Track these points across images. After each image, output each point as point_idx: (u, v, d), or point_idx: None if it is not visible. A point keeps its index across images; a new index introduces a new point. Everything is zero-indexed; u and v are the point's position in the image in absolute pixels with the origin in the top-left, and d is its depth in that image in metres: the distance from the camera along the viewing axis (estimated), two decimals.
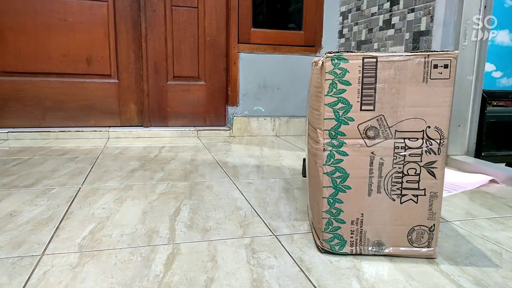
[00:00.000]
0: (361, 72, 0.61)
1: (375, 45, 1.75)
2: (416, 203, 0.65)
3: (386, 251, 0.67)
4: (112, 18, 1.90)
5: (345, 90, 0.62)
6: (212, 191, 1.04)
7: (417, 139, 0.63)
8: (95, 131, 1.86)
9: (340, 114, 0.63)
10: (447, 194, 1.06)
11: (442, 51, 0.60)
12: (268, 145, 1.76)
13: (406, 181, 0.64)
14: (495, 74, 2.15)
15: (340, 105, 0.63)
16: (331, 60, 0.62)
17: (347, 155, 0.64)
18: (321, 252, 0.68)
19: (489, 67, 2.09)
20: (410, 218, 0.65)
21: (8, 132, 1.75)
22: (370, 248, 0.67)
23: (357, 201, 0.66)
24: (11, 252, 0.66)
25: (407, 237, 0.66)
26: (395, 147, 0.63)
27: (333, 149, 0.64)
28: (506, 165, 1.73)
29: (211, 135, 2.01)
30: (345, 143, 0.64)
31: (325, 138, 0.64)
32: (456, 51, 0.61)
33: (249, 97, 2.07)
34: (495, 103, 2.05)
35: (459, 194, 1.07)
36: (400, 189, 0.65)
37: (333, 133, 0.64)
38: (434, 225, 0.65)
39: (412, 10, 1.50)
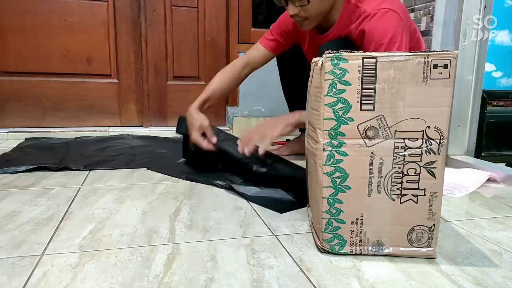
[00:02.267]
0: (360, 72, 0.61)
1: None
2: (416, 203, 0.65)
3: (386, 251, 0.67)
4: (112, 18, 1.90)
5: (345, 90, 0.62)
6: (212, 191, 1.04)
7: (417, 139, 0.63)
8: (95, 131, 1.86)
9: (340, 114, 0.63)
10: (452, 194, 1.06)
11: (442, 51, 0.60)
12: None
13: (406, 181, 0.64)
14: (495, 74, 2.15)
15: (340, 105, 0.63)
16: (331, 60, 0.62)
17: (347, 155, 0.64)
18: (321, 252, 0.68)
19: (489, 67, 2.10)
20: (410, 218, 0.65)
21: (8, 132, 1.75)
22: (370, 248, 0.67)
23: (357, 201, 0.66)
24: (11, 252, 0.66)
25: (407, 237, 0.66)
26: (394, 147, 0.63)
27: (332, 149, 0.64)
28: (506, 165, 1.72)
29: None
30: (345, 143, 0.64)
31: (325, 138, 0.64)
32: (456, 51, 0.61)
33: (249, 97, 2.07)
34: (495, 103, 2.05)
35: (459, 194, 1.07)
36: (400, 189, 0.65)
37: (333, 133, 0.64)
38: (434, 225, 0.65)
39: (412, 10, 1.50)
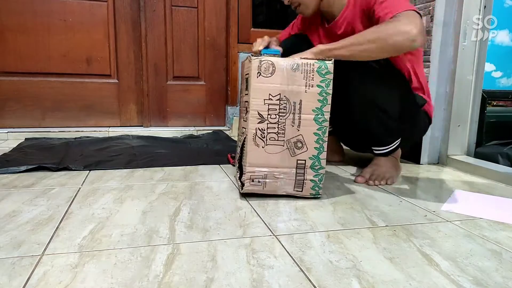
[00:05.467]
0: None
1: None
2: None
3: None
4: (112, 18, 1.90)
5: None
6: (212, 191, 1.04)
7: None
8: (95, 131, 1.86)
9: None
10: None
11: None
12: None
13: None
14: (495, 74, 2.15)
15: None
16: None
17: None
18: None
19: (489, 67, 2.09)
20: None
21: (8, 132, 1.75)
22: None
23: None
24: (11, 252, 0.66)
25: None
26: None
27: None
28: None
29: None
30: None
31: None
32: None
33: None
34: (495, 103, 2.05)
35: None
36: None
37: None
38: None
39: None
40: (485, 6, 1.39)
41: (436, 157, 1.47)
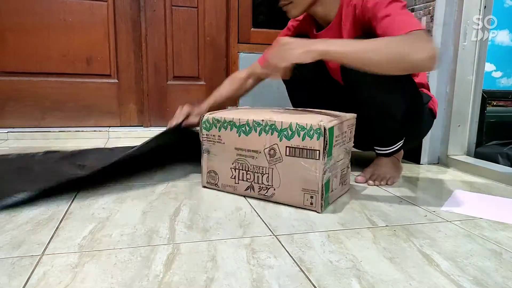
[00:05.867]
0: None
1: None
2: None
3: None
4: (112, 18, 1.90)
5: None
6: (212, 191, 1.04)
7: None
8: (94, 131, 1.86)
9: None
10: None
11: None
12: None
13: None
14: (495, 74, 2.15)
15: None
16: None
17: None
18: None
19: (489, 67, 2.10)
20: None
21: (8, 132, 1.75)
22: None
23: None
24: (11, 252, 0.66)
25: None
26: None
27: None
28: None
29: None
30: None
31: None
32: None
33: (248, 97, 2.06)
34: (495, 103, 2.06)
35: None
36: None
37: None
38: None
39: (412, 10, 1.50)
40: (485, 6, 1.39)
41: (436, 157, 1.47)
